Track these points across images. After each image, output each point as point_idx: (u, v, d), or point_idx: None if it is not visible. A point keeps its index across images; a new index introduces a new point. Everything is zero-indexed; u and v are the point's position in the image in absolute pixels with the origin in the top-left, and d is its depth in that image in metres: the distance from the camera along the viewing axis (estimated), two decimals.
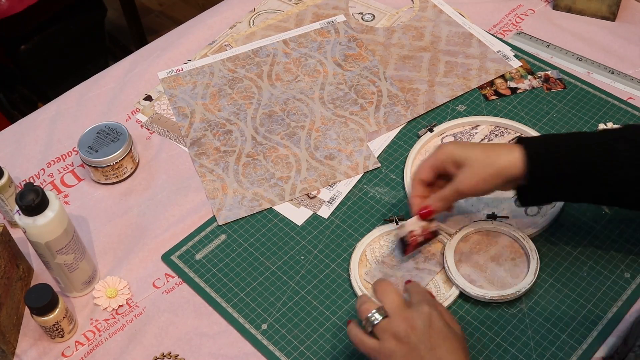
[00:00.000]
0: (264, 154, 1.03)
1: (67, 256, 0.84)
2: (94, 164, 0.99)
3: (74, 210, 1.00)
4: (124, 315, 0.88)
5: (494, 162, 0.79)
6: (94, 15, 1.91)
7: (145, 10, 2.56)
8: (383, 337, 0.71)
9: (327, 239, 0.94)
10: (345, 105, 1.09)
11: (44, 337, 0.87)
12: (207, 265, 0.92)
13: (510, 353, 0.81)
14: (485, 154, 0.79)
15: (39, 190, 0.79)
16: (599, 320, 0.83)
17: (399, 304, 0.72)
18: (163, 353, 0.85)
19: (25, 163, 1.06)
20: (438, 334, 0.69)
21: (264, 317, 0.87)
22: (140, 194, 1.01)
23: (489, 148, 0.80)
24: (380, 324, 0.71)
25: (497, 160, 0.79)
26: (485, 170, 0.79)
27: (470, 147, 0.81)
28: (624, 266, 0.87)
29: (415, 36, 1.18)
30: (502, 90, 1.09)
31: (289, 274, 0.90)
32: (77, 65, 1.90)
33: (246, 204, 0.98)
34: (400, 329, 0.70)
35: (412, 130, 1.05)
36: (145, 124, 1.10)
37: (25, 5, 1.63)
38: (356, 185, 0.99)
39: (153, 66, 1.18)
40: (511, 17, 1.21)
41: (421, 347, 0.69)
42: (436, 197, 0.83)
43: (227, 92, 1.12)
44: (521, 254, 0.89)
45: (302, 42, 1.19)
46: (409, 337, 0.69)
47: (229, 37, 1.22)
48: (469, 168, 0.80)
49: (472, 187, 0.80)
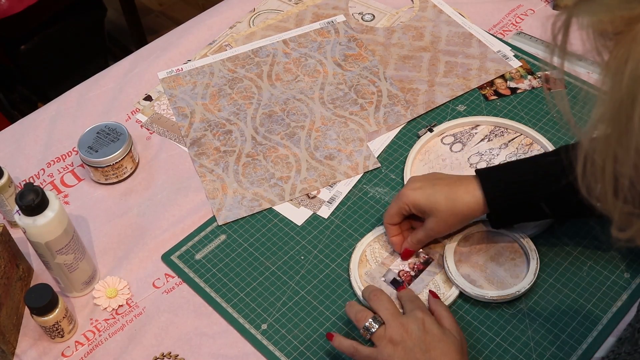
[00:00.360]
0: (263, 154, 1.03)
1: (67, 256, 0.84)
2: (94, 164, 0.99)
3: (74, 210, 1.00)
4: (124, 315, 0.88)
5: (458, 209, 0.83)
6: (94, 15, 1.91)
7: (145, 10, 2.56)
8: (380, 344, 0.74)
9: (327, 239, 0.94)
10: (345, 105, 1.09)
11: (44, 337, 0.87)
12: (207, 265, 0.92)
13: (510, 353, 0.81)
14: (448, 202, 0.83)
15: (39, 190, 0.79)
16: (599, 320, 0.83)
17: (394, 311, 0.76)
18: (163, 353, 0.85)
19: (25, 163, 1.06)
20: (432, 337, 0.73)
21: (264, 317, 0.87)
22: (140, 194, 1.01)
23: (450, 192, 0.83)
24: (377, 331, 0.75)
25: (460, 206, 0.83)
26: (450, 218, 0.84)
27: (432, 194, 0.83)
28: (624, 266, 0.87)
29: (415, 36, 1.18)
30: (502, 90, 1.09)
31: (289, 274, 0.90)
32: (77, 65, 1.89)
33: (246, 204, 0.98)
34: (397, 335, 0.73)
35: (412, 130, 1.05)
36: (145, 124, 1.10)
37: (25, 5, 1.63)
38: (356, 185, 0.99)
39: (153, 66, 1.18)
40: (511, 17, 1.21)
41: (416, 350, 0.72)
42: (412, 241, 0.88)
43: (227, 92, 1.13)
44: (521, 254, 0.89)
45: (302, 42, 1.19)
46: (405, 342, 0.73)
47: (229, 37, 1.22)
48: (434, 217, 0.84)
49: (442, 232, 0.86)
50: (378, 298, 0.78)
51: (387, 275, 0.88)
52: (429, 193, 0.84)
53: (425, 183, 0.85)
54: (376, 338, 0.75)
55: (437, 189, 0.84)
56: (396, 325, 0.74)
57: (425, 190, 0.84)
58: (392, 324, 0.74)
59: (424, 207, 0.84)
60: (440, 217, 0.83)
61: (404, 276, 0.88)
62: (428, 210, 0.84)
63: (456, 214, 0.83)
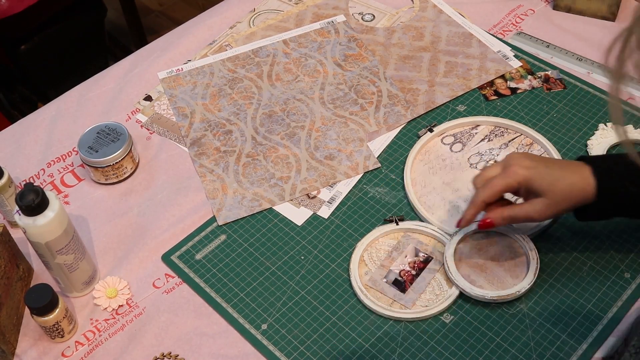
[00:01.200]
0: (264, 154, 1.03)
1: (67, 256, 0.84)
2: (94, 164, 0.99)
3: (74, 210, 1.00)
4: (124, 315, 0.88)
5: (573, 195, 0.79)
6: (94, 15, 1.91)
7: (145, 10, 2.56)
8: None
9: (327, 239, 0.94)
10: (345, 105, 1.09)
11: (44, 337, 0.87)
12: (207, 265, 0.92)
13: (510, 353, 0.81)
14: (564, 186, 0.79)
15: (39, 190, 0.79)
16: (599, 320, 0.83)
17: None
18: (163, 353, 0.85)
19: (25, 163, 1.06)
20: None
21: (264, 317, 0.87)
22: (140, 194, 1.01)
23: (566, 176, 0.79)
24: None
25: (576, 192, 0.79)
26: (563, 202, 0.79)
27: (549, 174, 0.79)
28: (624, 266, 0.87)
29: (415, 36, 1.18)
30: (502, 90, 1.09)
31: (289, 274, 0.90)
32: (77, 65, 1.89)
33: (246, 204, 0.98)
34: None
35: (412, 130, 1.05)
36: (145, 124, 1.10)
37: (25, 5, 1.63)
38: (356, 185, 0.99)
39: (153, 66, 1.18)
40: (511, 17, 1.21)
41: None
42: (503, 215, 0.82)
43: (227, 92, 1.12)
44: (521, 254, 0.89)
45: (302, 42, 1.19)
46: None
47: (229, 37, 1.22)
48: (547, 199, 0.79)
49: (546, 216, 0.81)
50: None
51: (388, 277, 0.88)
52: (545, 172, 0.80)
53: (537, 162, 0.81)
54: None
55: (551, 171, 0.80)
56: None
57: (539, 169, 0.80)
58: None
59: (537, 187, 0.79)
60: (554, 200, 0.79)
61: (405, 275, 0.88)
62: (542, 190, 0.79)
63: (570, 198, 0.79)
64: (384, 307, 0.85)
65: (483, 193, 0.82)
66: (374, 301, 0.86)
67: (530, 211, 0.80)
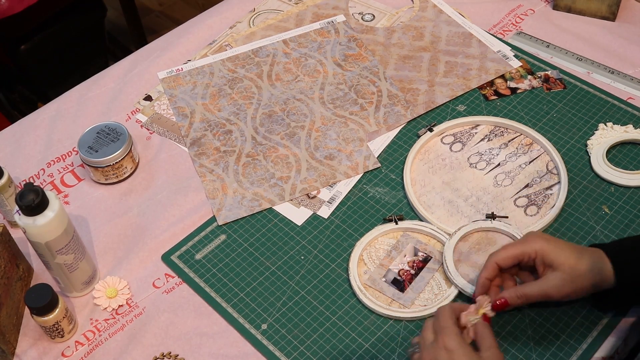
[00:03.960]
0: (264, 154, 1.03)
1: (67, 256, 0.84)
2: (94, 164, 0.99)
3: (74, 210, 1.00)
4: (124, 315, 0.88)
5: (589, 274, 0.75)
6: (94, 15, 1.91)
7: (145, 10, 2.56)
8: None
9: (327, 239, 0.94)
10: (345, 105, 1.09)
11: (44, 337, 0.87)
12: (207, 265, 0.92)
13: (510, 353, 0.81)
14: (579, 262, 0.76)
15: (39, 190, 0.79)
16: (599, 320, 0.83)
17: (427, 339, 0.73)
18: (163, 353, 0.85)
19: (25, 163, 1.06)
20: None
21: (264, 317, 0.87)
22: (140, 194, 1.01)
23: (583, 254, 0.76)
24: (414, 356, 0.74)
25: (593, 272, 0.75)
26: (579, 281, 0.76)
27: (565, 249, 0.77)
28: None
29: (415, 36, 1.18)
30: (502, 90, 1.09)
31: (289, 274, 0.90)
32: (77, 65, 1.89)
33: (246, 204, 0.98)
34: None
35: (412, 130, 1.05)
36: (145, 124, 1.10)
37: (25, 5, 1.63)
38: (356, 185, 0.99)
39: (153, 66, 1.18)
40: (511, 17, 1.21)
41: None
42: (517, 294, 0.78)
43: (227, 92, 1.13)
44: None
45: (302, 42, 1.19)
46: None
47: (229, 37, 1.22)
48: (562, 275, 0.76)
49: (564, 296, 0.77)
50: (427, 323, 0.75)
51: (387, 276, 0.88)
52: (565, 246, 0.77)
53: (555, 238, 0.78)
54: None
55: (570, 246, 0.77)
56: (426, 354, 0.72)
57: (558, 243, 0.78)
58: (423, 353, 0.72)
59: (554, 258, 0.76)
60: (570, 275, 0.75)
61: (404, 275, 0.88)
62: (559, 262, 0.76)
63: (588, 277, 0.75)
64: (383, 306, 0.85)
65: (497, 255, 0.80)
66: (373, 300, 0.86)
67: (545, 287, 0.77)
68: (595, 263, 0.76)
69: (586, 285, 0.76)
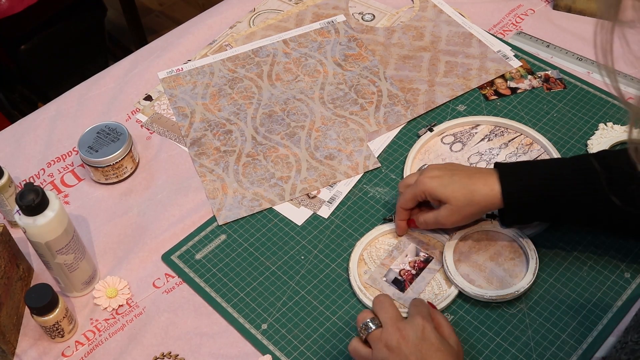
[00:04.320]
0: (264, 154, 1.03)
1: (67, 256, 0.84)
2: (94, 164, 0.99)
3: (74, 210, 1.00)
4: (124, 315, 0.88)
5: (475, 201, 0.83)
6: (94, 15, 1.91)
7: (145, 10, 2.56)
8: (376, 347, 0.73)
9: (327, 239, 0.94)
10: (345, 105, 1.09)
11: (44, 337, 0.87)
12: (207, 265, 0.92)
13: (510, 353, 0.81)
14: (466, 193, 0.83)
15: (39, 190, 0.79)
16: (599, 320, 0.83)
17: (393, 316, 0.74)
18: (163, 353, 0.85)
19: (25, 163, 1.06)
20: (430, 346, 0.71)
21: (264, 317, 0.87)
22: (140, 194, 1.01)
23: (469, 183, 0.83)
24: (373, 332, 0.74)
25: (477, 198, 0.83)
26: (466, 208, 0.84)
27: (450, 184, 0.84)
28: (624, 266, 0.87)
29: (415, 36, 1.18)
30: (502, 90, 1.09)
31: (289, 274, 0.90)
32: (77, 65, 1.90)
33: (246, 204, 0.98)
34: (393, 339, 0.72)
35: (412, 130, 1.05)
36: (145, 124, 1.10)
37: (25, 5, 1.63)
38: (356, 185, 0.99)
39: (153, 66, 1.18)
40: (511, 17, 1.21)
41: (411, 358, 0.70)
42: (419, 219, 0.89)
43: (227, 92, 1.13)
44: (520, 254, 0.89)
45: (302, 42, 1.19)
46: (400, 348, 0.71)
47: (229, 37, 1.22)
48: (449, 206, 0.84)
49: (453, 222, 0.86)
50: (380, 302, 0.76)
51: (388, 275, 0.88)
52: (447, 182, 0.84)
53: (443, 172, 0.85)
54: (372, 339, 0.73)
55: (455, 179, 0.84)
56: (393, 329, 0.72)
57: (443, 179, 0.84)
58: (389, 328, 0.73)
59: (440, 196, 0.84)
60: (456, 206, 0.83)
61: (405, 275, 0.88)
62: (444, 199, 0.84)
63: (472, 204, 0.83)
64: None
65: (399, 201, 0.89)
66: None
67: (438, 216, 0.86)
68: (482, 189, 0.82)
69: (475, 211, 0.84)
